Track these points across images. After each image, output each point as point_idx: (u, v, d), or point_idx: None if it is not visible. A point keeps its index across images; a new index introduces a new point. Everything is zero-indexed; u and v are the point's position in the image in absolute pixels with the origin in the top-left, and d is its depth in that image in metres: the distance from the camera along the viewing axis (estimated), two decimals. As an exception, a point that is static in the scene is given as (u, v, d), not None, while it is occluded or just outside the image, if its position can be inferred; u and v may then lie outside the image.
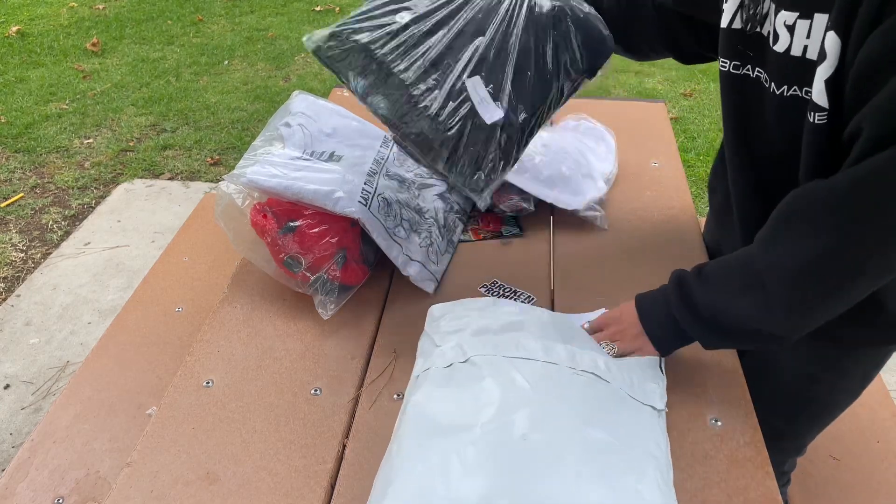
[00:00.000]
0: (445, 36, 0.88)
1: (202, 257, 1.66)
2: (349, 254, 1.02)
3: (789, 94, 0.75)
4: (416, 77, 0.89)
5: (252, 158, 1.04)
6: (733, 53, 0.81)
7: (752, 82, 0.80)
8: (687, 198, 1.27)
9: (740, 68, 0.81)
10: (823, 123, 0.69)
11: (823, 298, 0.74)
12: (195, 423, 0.85)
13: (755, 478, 0.77)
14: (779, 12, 0.71)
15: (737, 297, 0.77)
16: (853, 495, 1.27)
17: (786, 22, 0.70)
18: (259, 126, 3.28)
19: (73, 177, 2.91)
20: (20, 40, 4.10)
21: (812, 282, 0.72)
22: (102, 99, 3.51)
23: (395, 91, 0.91)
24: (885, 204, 0.66)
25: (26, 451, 1.18)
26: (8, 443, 1.80)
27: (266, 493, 0.77)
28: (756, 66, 0.79)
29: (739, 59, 0.80)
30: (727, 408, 0.86)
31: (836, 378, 0.99)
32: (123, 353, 1.39)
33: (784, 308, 0.74)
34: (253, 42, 4.18)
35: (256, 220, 1.00)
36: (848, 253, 0.70)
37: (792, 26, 0.70)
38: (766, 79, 0.78)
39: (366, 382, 0.92)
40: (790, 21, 0.70)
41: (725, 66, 0.82)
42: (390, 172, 1.11)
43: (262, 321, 1.01)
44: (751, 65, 0.80)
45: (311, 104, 1.15)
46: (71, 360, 2.04)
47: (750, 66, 0.80)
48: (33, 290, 2.30)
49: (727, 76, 0.83)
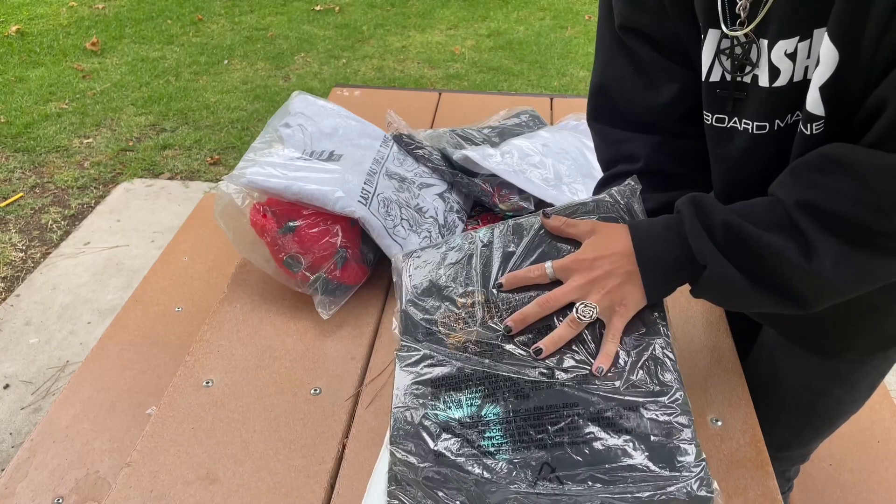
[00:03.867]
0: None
1: (202, 257, 1.66)
2: (349, 254, 1.02)
3: (776, 127, 0.71)
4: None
5: (252, 159, 1.04)
6: (716, 106, 0.75)
7: (739, 133, 0.75)
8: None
9: (725, 122, 0.75)
10: (821, 132, 0.66)
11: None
12: (195, 423, 0.85)
13: (755, 478, 0.77)
14: (774, 45, 0.67)
15: (770, 229, 0.66)
16: (853, 495, 1.27)
17: (786, 51, 0.66)
18: (259, 125, 3.28)
19: (73, 176, 2.90)
20: (20, 40, 4.10)
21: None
22: (102, 98, 3.51)
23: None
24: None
25: (26, 451, 1.18)
26: (8, 443, 1.80)
27: (266, 493, 0.77)
28: (736, 115, 0.74)
29: (721, 111, 0.75)
30: (727, 408, 0.86)
31: (843, 391, 0.96)
32: (123, 352, 1.39)
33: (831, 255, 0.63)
34: (253, 41, 4.18)
35: (256, 220, 1.00)
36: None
37: (793, 53, 0.66)
38: (746, 122, 0.73)
39: (365, 382, 0.92)
40: (790, 49, 0.66)
41: (709, 120, 0.77)
42: (390, 172, 1.11)
43: (261, 321, 1.01)
44: (737, 116, 0.74)
45: (310, 104, 1.15)
46: (70, 360, 2.04)
47: (736, 118, 0.74)
48: (33, 290, 2.30)
49: (711, 129, 0.77)
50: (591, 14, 4.63)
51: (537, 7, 4.75)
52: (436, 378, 0.72)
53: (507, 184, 1.18)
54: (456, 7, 4.75)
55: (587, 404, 0.68)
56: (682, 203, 0.71)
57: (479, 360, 0.72)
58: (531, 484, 0.64)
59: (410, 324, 0.78)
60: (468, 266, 0.80)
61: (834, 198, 0.62)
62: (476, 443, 0.67)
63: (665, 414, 0.66)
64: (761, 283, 0.67)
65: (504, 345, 0.73)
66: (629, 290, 0.72)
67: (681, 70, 0.79)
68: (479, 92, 2.81)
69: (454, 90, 3.55)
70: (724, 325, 1.00)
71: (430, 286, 0.80)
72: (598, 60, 0.87)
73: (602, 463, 0.64)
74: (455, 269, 0.81)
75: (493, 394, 0.70)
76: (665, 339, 0.72)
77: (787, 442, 1.05)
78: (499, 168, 1.18)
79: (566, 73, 3.81)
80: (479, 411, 0.69)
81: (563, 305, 0.73)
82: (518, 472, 0.65)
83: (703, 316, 1.02)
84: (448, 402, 0.70)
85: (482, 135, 1.34)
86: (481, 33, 4.34)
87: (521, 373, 0.71)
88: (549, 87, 3.67)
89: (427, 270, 0.82)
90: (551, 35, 4.30)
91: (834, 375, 0.94)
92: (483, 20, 4.54)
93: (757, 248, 0.66)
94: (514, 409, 0.68)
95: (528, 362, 0.71)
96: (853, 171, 0.61)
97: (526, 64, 3.92)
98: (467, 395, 0.70)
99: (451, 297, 0.78)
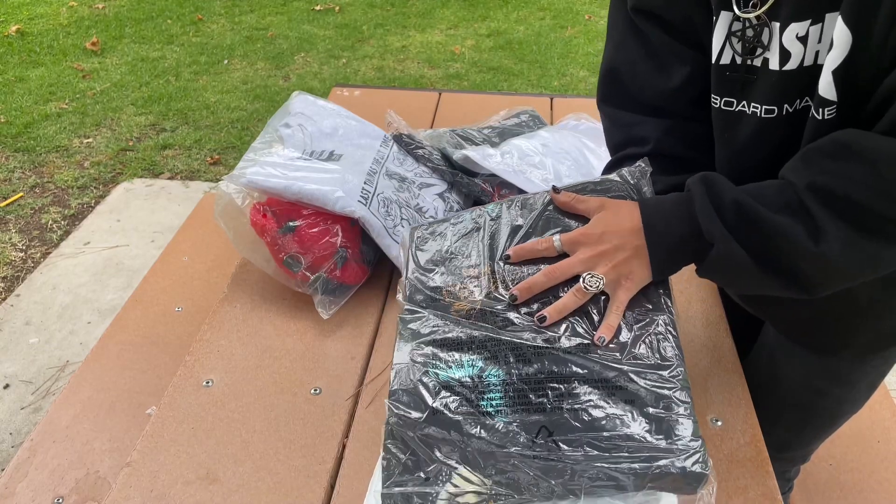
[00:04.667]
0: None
1: (202, 257, 1.66)
2: (349, 253, 1.02)
3: (784, 112, 0.71)
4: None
5: (252, 159, 1.04)
6: (725, 90, 0.75)
7: (747, 117, 0.75)
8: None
9: (733, 105, 0.76)
10: (833, 118, 0.65)
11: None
12: (195, 423, 0.85)
13: (755, 478, 0.77)
14: (786, 28, 0.67)
15: (780, 211, 0.66)
16: (853, 495, 1.27)
17: (797, 34, 0.66)
18: (259, 125, 3.28)
19: (73, 176, 2.90)
20: (20, 39, 4.10)
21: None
22: (102, 98, 3.51)
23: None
24: None
25: (26, 451, 1.18)
26: (7, 442, 1.80)
27: (266, 493, 0.77)
28: (745, 99, 0.74)
29: (730, 94, 0.75)
30: (727, 408, 0.86)
31: (843, 391, 0.97)
32: (123, 352, 1.39)
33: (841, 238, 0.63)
34: (252, 41, 4.18)
35: (256, 220, 1.00)
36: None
37: (805, 37, 0.66)
38: (755, 106, 0.73)
39: (365, 382, 0.92)
40: (802, 32, 0.66)
41: (717, 103, 0.77)
42: (390, 172, 1.11)
43: (261, 321, 1.01)
44: (746, 100, 0.74)
45: (310, 104, 1.15)
46: (70, 360, 2.04)
47: (745, 101, 0.74)
48: (33, 290, 2.30)
49: (718, 113, 0.78)
50: (591, 14, 4.63)
51: (537, 7, 4.75)
52: (438, 339, 0.72)
53: (507, 184, 1.18)
54: (456, 7, 4.75)
55: (589, 372, 0.68)
56: (693, 182, 0.71)
57: (483, 325, 0.72)
58: (528, 446, 0.63)
59: (415, 291, 0.77)
60: (476, 239, 0.80)
61: (846, 183, 0.62)
62: (475, 402, 0.67)
63: (665, 388, 0.66)
64: (768, 264, 0.67)
65: (508, 313, 0.72)
66: (636, 264, 0.72)
67: (692, 53, 0.79)
68: (479, 92, 2.81)
69: (454, 90, 3.55)
70: (724, 324, 1.00)
71: (436, 257, 0.80)
72: (610, 43, 0.87)
73: (600, 430, 0.64)
74: (462, 242, 0.81)
75: (495, 357, 0.69)
76: (669, 315, 0.72)
77: (788, 442, 1.05)
78: (499, 168, 1.18)
79: (566, 73, 3.81)
80: (480, 373, 0.69)
81: (570, 276, 0.73)
82: (516, 433, 0.65)
83: (703, 315, 1.02)
84: (449, 363, 0.70)
85: (482, 135, 1.34)
86: (481, 33, 4.34)
87: (523, 339, 0.70)
88: (549, 87, 3.67)
89: (435, 243, 0.82)
90: (551, 35, 4.30)
91: (834, 375, 0.94)
92: (483, 20, 4.55)
93: (766, 229, 0.66)
94: (516, 373, 0.68)
95: (532, 330, 0.71)
96: (865, 158, 0.61)
97: (526, 64, 3.93)
98: (469, 356, 0.70)
99: (458, 269, 0.78)
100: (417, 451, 0.66)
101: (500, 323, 0.72)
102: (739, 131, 0.76)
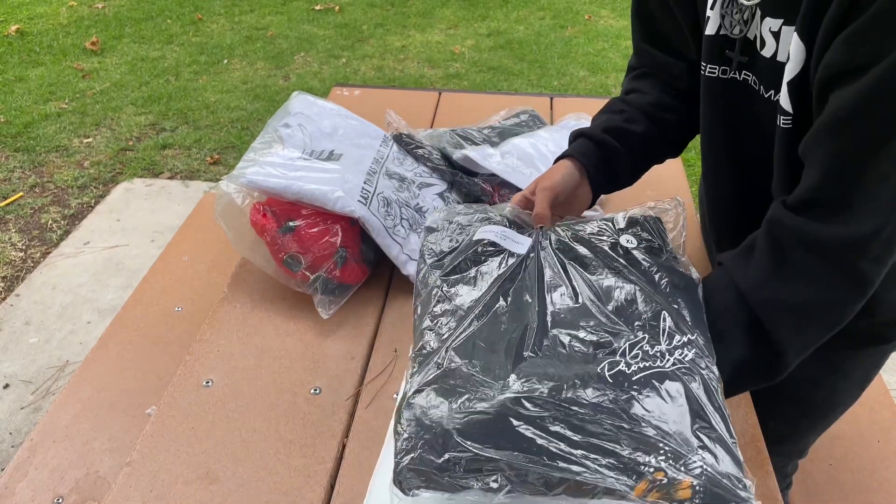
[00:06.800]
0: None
1: (202, 257, 1.66)
2: (349, 253, 1.02)
3: (776, 98, 0.74)
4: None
5: (252, 159, 1.04)
6: (720, 59, 0.79)
7: (740, 86, 0.79)
8: (687, 197, 1.27)
9: (728, 73, 0.80)
10: (789, 128, 0.69)
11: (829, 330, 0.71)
12: (195, 423, 0.85)
13: (755, 477, 0.77)
14: (764, 18, 0.71)
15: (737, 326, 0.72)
16: (853, 495, 1.27)
17: (771, 28, 0.70)
18: (259, 125, 3.28)
19: (73, 176, 2.90)
20: (19, 39, 4.10)
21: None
22: (102, 98, 3.51)
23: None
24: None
25: (26, 451, 1.18)
26: (7, 442, 1.80)
27: (266, 493, 0.77)
28: (744, 69, 0.78)
29: (727, 63, 0.79)
30: (727, 408, 0.86)
31: (837, 381, 0.98)
32: (123, 352, 1.39)
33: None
34: (252, 41, 4.18)
35: (256, 220, 1.00)
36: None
37: (777, 33, 0.69)
38: (754, 81, 0.77)
39: (365, 382, 0.92)
40: (775, 28, 0.69)
41: (714, 73, 0.80)
42: (390, 171, 1.11)
43: (261, 321, 1.01)
44: (738, 70, 0.78)
45: (310, 104, 1.15)
46: (70, 360, 2.04)
47: (737, 71, 0.79)
48: (33, 290, 2.30)
49: (713, 81, 0.81)
50: (591, 14, 4.63)
51: (537, 7, 4.75)
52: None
53: (507, 184, 1.18)
54: (456, 6, 4.75)
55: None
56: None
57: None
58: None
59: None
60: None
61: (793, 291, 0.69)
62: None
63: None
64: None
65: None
66: None
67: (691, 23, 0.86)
68: (479, 92, 2.82)
69: (454, 90, 3.55)
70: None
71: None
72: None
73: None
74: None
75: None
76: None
77: (784, 435, 1.06)
78: (499, 168, 1.18)
79: (566, 73, 3.81)
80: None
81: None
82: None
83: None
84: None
85: (482, 135, 1.34)
86: (481, 33, 4.34)
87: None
88: (549, 87, 3.67)
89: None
90: (551, 35, 4.30)
91: (828, 365, 0.96)
92: (483, 20, 4.55)
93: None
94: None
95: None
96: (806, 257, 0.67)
97: (526, 64, 3.93)
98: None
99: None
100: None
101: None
102: (733, 98, 0.81)
